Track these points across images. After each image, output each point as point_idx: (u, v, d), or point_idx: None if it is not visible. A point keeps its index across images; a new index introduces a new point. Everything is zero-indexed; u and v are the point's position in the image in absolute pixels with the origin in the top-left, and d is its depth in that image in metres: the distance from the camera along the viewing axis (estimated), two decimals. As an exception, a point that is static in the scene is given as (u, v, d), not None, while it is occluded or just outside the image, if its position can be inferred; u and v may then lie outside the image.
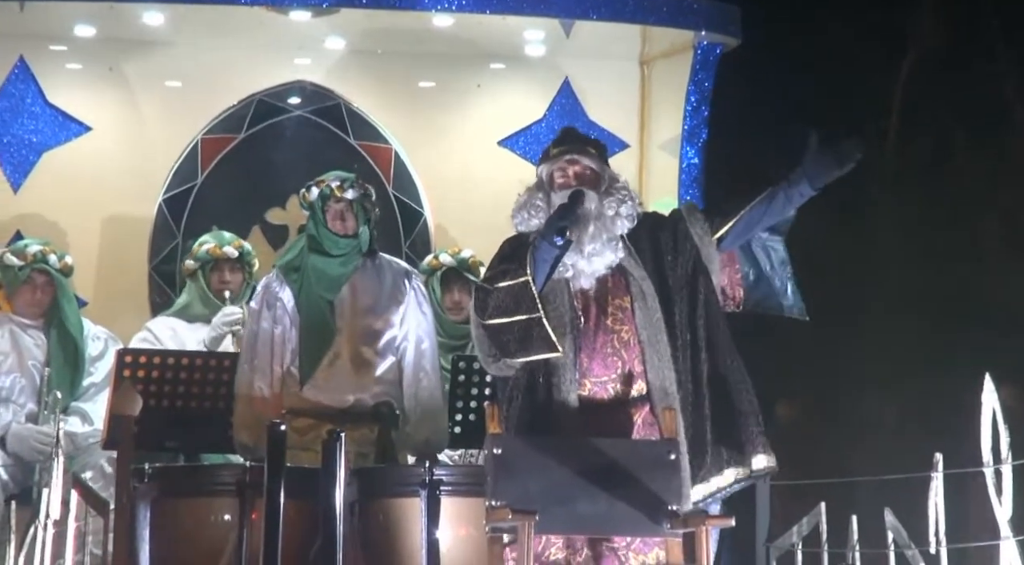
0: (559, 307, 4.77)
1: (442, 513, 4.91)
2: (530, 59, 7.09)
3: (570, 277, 4.80)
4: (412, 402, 5.52)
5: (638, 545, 4.63)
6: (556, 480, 4.44)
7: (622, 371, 4.74)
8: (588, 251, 4.78)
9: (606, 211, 4.81)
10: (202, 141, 6.97)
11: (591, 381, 4.74)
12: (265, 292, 5.57)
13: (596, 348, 4.75)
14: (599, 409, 4.72)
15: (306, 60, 7.07)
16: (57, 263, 6.26)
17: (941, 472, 4.55)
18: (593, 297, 4.80)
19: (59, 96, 6.88)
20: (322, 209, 5.52)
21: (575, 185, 4.85)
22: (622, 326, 4.79)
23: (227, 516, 4.96)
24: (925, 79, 7.79)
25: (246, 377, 5.47)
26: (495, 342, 4.76)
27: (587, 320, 4.78)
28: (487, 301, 4.79)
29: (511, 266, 4.80)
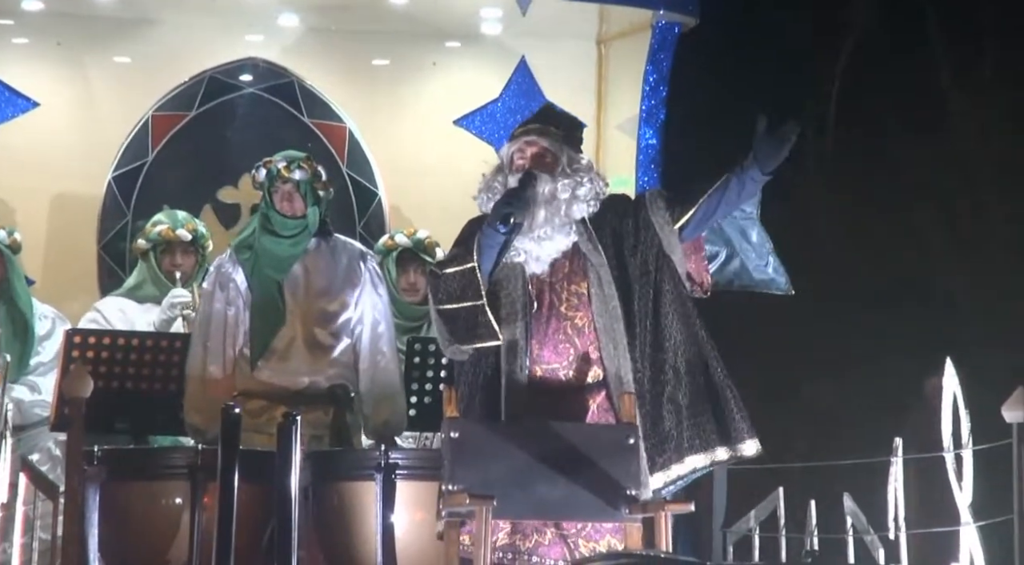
0: (512, 292, 4.73)
1: (397, 497, 4.88)
2: (486, 38, 7.05)
3: (523, 261, 4.76)
4: (369, 384, 5.48)
5: (589, 532, 4.60)
6: (514, 464, 4.42)
7: (575, 357, 4.69)
8: (538, 235, 4.74)
9: (560, 194, 4.76)
10: (153, 118, 6.89)
11: (541, 367, 4.70)
12: (218, 273, 5.51)
13: (548, 334, 4.71)
14: (551, 395, 4.68)
15: (258, 37, 7.00)
16: (6, 239, 6.17)
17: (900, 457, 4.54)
18: (548, 282, 4.76)
19: (5, 71, 6.79)
20: (270, 190, 5.46)
21: (530, 167, 4.79)
22: (576, 313, 4.74)
23: (178, 499, 4.91)
24: (861, 66, 7.80)
25: (198, 359, 5.41)
26: (447, 327, 4.73)
27: (540, 306, 4.74)
28: (438, 286, 4.77)
29: (461, 251, 4.76)
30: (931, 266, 7.66)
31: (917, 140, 7.94)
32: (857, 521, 4.81)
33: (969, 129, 8.07)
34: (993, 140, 8.06)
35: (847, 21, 7.71)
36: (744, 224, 4.90)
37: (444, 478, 4.43)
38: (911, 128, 7.93)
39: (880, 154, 7.98)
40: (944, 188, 7.92)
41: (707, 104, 7.06)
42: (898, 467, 4.54)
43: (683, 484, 4.76)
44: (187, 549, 4.86)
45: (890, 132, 8.01)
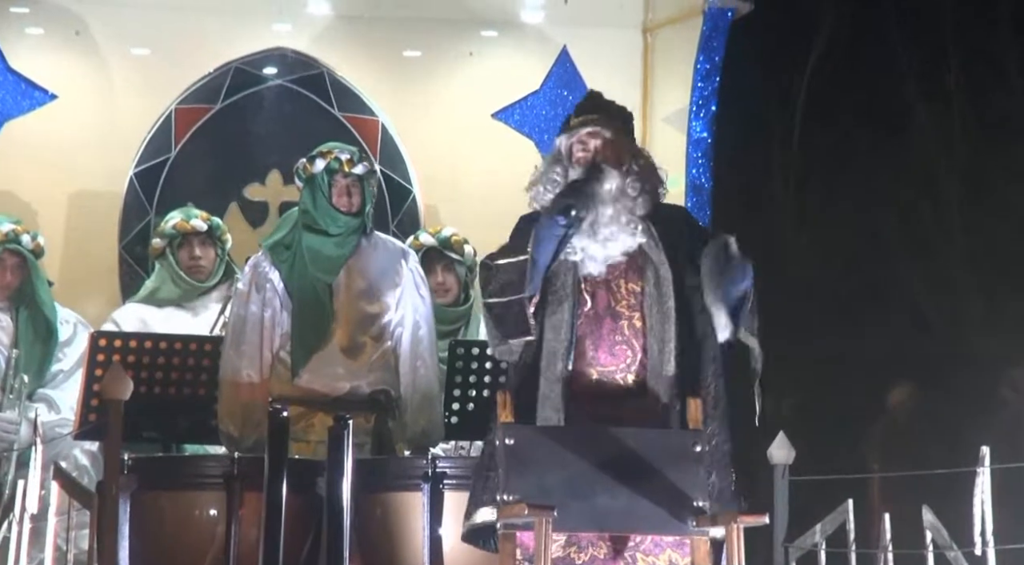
0: (560, 290, 4.65)
1: (445, 508, 4.80)
2: (526, 26, 6.98)
3: (578, 261, 4.67)
4: (409, 391, 5.41)
5: (648, 546, 4.52)
6: (572, 473, 4.34)
7: (633, 359, 4.61)
8: (603, 236, 4.65)
9: (628, 191, 4.68)
10: (176, 111, 6.82)
11: (597, 370, 4.61)
12: (253, 272, 5.43)
13: (602, 335, 4.63)
14: (606, 400, 4.59)
15: (286, 26, 6.93)
16: (30, 243, 6.13)
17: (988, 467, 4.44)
18: (603, 281, 4.67)
19: (22, 62, 6.73)
20: (328, 183, 5.37)
21: (594, 160, 4.71)
22: (634, 313, 4.66)
23: (213, 511, 4.85)
24: (827, 75, 7.75)
25: (232, 363, 5.33)
26: (495, 322, 4.66)
27: (594, 304, 4.65)
28: (489, 278, 4.70)
29: (516, 243, 4.69)
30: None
31: (881, 151, 7.97)
32: (938, 536, 4.71)
33: (932, 138, 8.09)
34: (956, 149, 8.08)
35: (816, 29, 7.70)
36: None
37: (499, 487, 4.34)
38: (876, 140, 7.94)
39: (846, 165, 7.98)
40: (907, 199, 7.94)
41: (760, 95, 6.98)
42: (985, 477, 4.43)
43: None
44: (222, 563, 4.79)
45: (858, 143, 8.04)
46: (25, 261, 6.08)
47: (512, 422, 4.44)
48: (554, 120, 7.00)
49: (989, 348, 6.96)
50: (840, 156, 8.08)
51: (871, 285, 7.15)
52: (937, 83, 8.08)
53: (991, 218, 7.74)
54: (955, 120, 8.13)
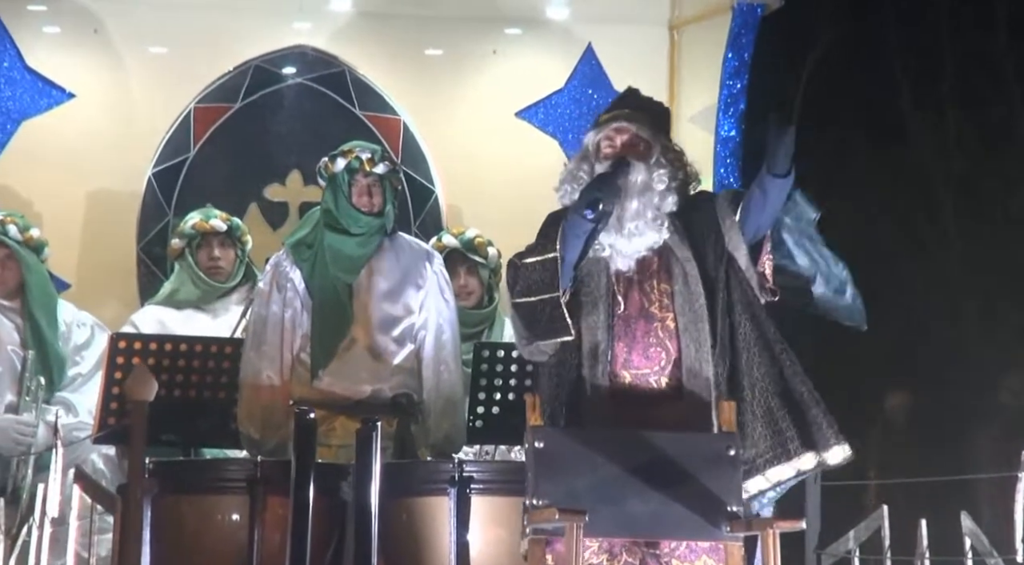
0: (594, 290, 4.60)
1: (472, 513, 4.76)
2: (550, 23, 6.95)
3: (607, 256, 4.63)
4: (432, 395, 5.36)
5: (683, 552, 4.46)
6: (603, 477, 4.28)
7: (667, 362, 4.56)
8: (628, 229, 4.60)
9: (655, 184, 4.63)
10: (195, 110, 6.80)
11: (631, 373, 4.56)
12: (275, 271, 5.39)
13: (637, 337, 4.58)
14: (641, 403, 4.54)
15: (306, 24, 6.91)
16: (19, 235, 5.99)
17: (1030, 472, 4.38)
18: (636, 281, 4.62)
19: (39, 60, 6.71)
20: (348, 183, 5.33)
21: (621, 153, 4.66)
22: (667, 313, 4.61)
23: (235, 515, 4.80)
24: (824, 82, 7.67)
25: (253, 364, 5.29)
26: (524, 322, 4.61)
27: (627, 306, 4.60)
28: (516, 277, 4.64)
29: (543, 241, 4.64)
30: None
31: (877, 161, 7.94)
32: (978, 542, 4.65)
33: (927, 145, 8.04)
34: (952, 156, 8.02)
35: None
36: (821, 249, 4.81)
37: (528, 492, 4.29)
38: (873, 148, 7.90)
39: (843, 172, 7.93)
40: (902, 207, 7.90)
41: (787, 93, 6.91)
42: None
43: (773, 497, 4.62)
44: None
45: (856, 150, 8.00)
46: (14, 256, 5.99)
47: (541, 425, 4.39)
48: (579, 119, 6.98)
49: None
50: (838, 161, 8.04)
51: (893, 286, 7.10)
52: (931, 91, 8.02)
53: (987, 225, 7.67)
54: (950, 128, 8.08)
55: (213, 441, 5.59)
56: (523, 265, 4.62)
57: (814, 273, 4.75)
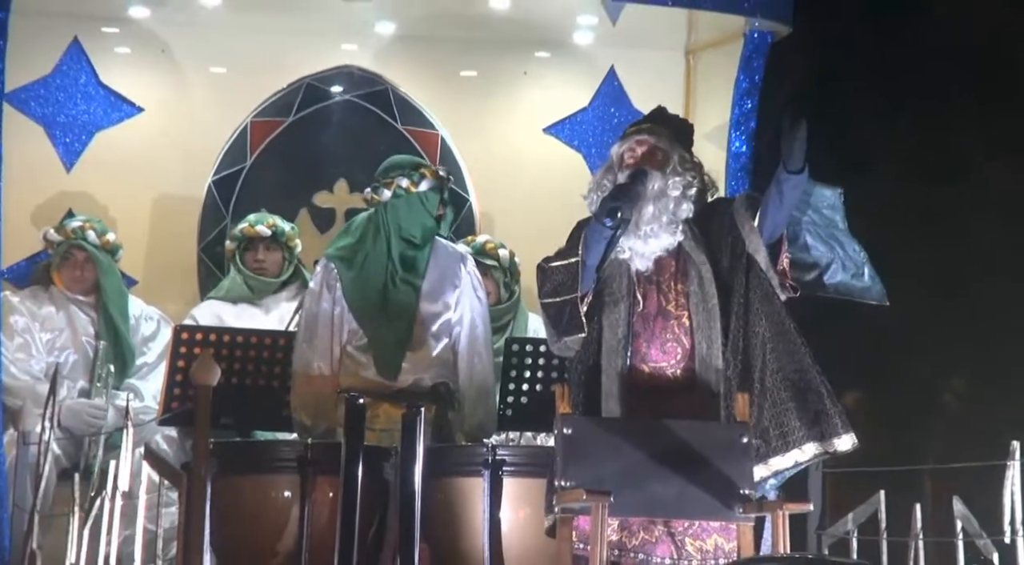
0: (616, 290, 4.58)
1: (503, 494, 4.72)
2: (575, 48, 6.92)
3: (627, 258, 4.60)
4: (467, 385, 5.34)
5: (696, 530, 4.42)
6: (627, 462, 4.25)
7: (683, 356, 4.53)
8: (644, 232, 4.58)
9: (670, 191, 4.60)
10: (251, 124, 6.77)
11: (649, 366, 4.53)
12: (325, 272, 5.37)
13: (655, 333, 4.55)
14: (659, 393, 4.51)
15: (354, 46, 6.88)
16: (96, 240, 6.06)
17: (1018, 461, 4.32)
18: (655, 281, 4.60)
19: (112, 77, 6.69)
20: (436, 202, 5.37)
21: (639, 163, 4.63)
22: (683, 312, 4.58)
23: (287, 493, 4.77)
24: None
25: (305, 357, 5.27)
26: (550, 321, 4.59)
27: (646, 305, 4.57)
28: (544, 280, 4.64)
29: (569, 247, 4.64)
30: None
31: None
32: (968, 525, 4.59)
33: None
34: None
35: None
36: (836, 234, 4.75)
37: (557, 474, 4.25)
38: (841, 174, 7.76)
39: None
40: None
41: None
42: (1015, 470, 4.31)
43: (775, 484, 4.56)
44: (296, 543, 4.72)
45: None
46: (91, 259, 6.00)
47: (570, 413, 4.35)
48: (601, 135, 6.94)
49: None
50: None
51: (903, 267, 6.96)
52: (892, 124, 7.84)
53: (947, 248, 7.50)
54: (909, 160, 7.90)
55: (266, 425, 5.58)
56: (549, 268, 4.62)
57: (830, 261, 4.69)
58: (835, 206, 4.72)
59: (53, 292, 6.11)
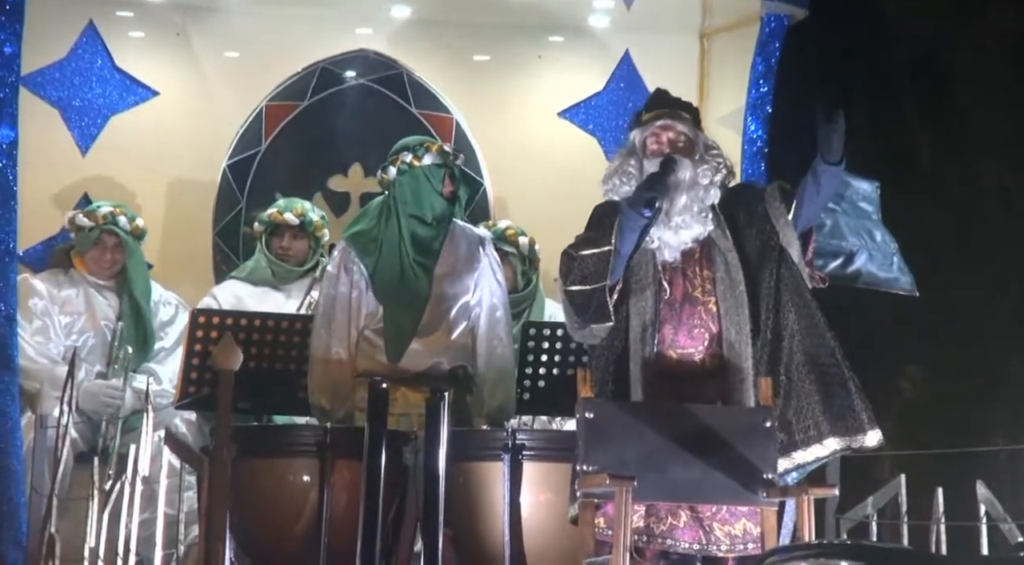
0: (642, 278, 4.50)
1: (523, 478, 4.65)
2: (589, 32, 6.85)
3: (655, 248, 4.52)
4: (486, 369, 5.27)
5: (724, 515, 4.36)
6: (649, 446, 4.19)
7: (710, 341, 4.46)
8: (676, 223, 4.50)
9: (700, 180, 4.53)
10: (266, 108, 6.70)
11: (676, 352, 4.46)
12: (342, 257, 5.30)
13: (682, 319, 4.49)
14: (686, 379, 4.45)
15: (368, 30, 6.81)
16: (127, 225, 6.04)
17: (1043, 444, 4.25)
18: (680, 268, 4.53)
19: (127, 61, 6.62)
20: (437, 174, 5.23)
21: (668, 152, 4.54)
22: (710, 298, 4.52)
23: (306, 477, 4.72)
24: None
25: (323, 341, 5.20)
26: (575, 308, 4.52)
27: (672, 292, 4.50)
28: (571, 267, 4.55)
29: (597, 234, 4.53)
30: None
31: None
32: (992, 509, 4.52)
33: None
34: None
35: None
36: (868, 225, 4.69)
37: (579, 459, 4.19)
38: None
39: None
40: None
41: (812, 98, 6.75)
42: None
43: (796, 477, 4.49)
44: (315, 527, 4.66)
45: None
46: (121, 243, 5.96)
47: (591, 397, 4.28)
48: (616, 119, 6.88)
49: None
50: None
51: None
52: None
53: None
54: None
55: (283, 410, 5.52)
56: (579, 257, 4.53)
57: (857, 249, 4.62)
58: (870, 198, 4.66)
59: (73, 275, 6.06)
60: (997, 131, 7.23)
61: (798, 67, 6.59)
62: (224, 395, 3.93)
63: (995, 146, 7.24)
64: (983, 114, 7.31)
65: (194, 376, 5.36)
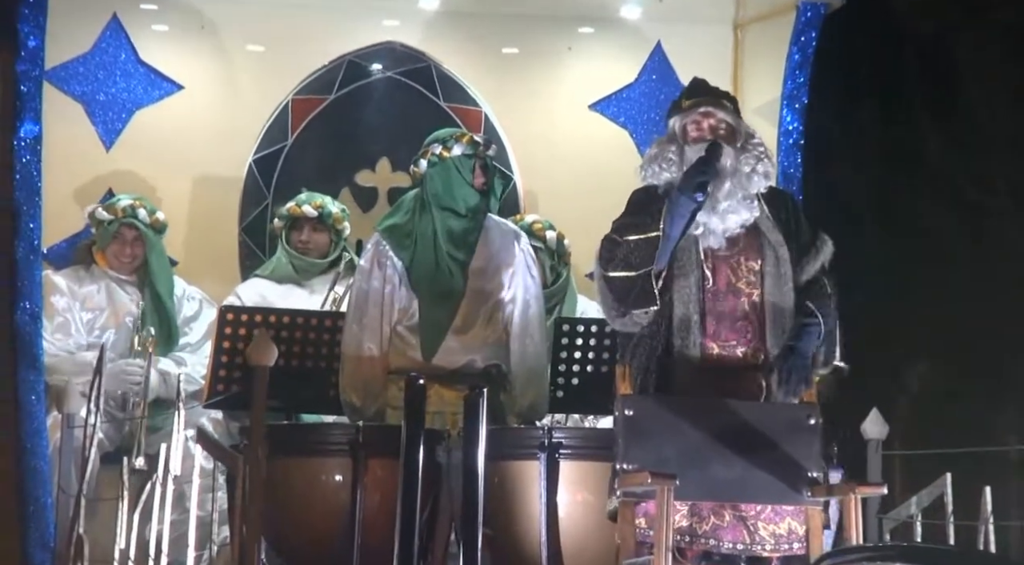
0: (686, 265, 4.44)
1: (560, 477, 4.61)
2: (620, 23, 6.80)
3: (700, 234, 4.47)
4: (519, 367, 5.22)
5: (769, 514, 4.30)
6: (689, 444, 4.14)
7: (753, 335, 4.41)
8: (722, 208, 4.46)
9: (742, 167, 4.49)
10: (292, 102, 6.68)
11: (719, 344, 4.41)
12: (375, 250, 5.26)
13: (725, 311, 4.43)
14: (728, 373, 4.39)
15: (396, 22, 6.77)
16: (147, 218, 6.02)
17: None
18: (724, 257, 4.47)
19: (151, 55, 6.60)
20: (468, 165, 5.19)
21: (710, 139, 4.50)
22: (754, 290, 4.46)
23: (339, 476, 4.68)
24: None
25: (355, 337, 5.16)
26: (615, 295, 4.45)
27: (715, 281, 4.45)
28: (614, 253, 4.48)
29: (642, 219, 4.46)
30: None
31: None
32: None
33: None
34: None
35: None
36: None
37: (618, 457, 4.14)
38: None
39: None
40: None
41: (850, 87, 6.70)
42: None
43: None
44: (348, 526, 4.63)
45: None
46: (141, 236, 5.93)
47: (630, 394, 4.23)
48: (648, 111, 6.83)
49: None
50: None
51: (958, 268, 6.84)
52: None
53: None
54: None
55: (313, 407, 5.48)
56: (623, 242, 4.46)
57: None
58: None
59: (94, 271, 6.06)
60: (1006, 129, 7.16)
61: (836, 56, 6.55)
62: (259, 392, 3.88)
63: (1005, 144, 7.17)
64: (992, 111, 7.25)
65: (223, 374, 5.33)
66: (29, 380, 5.59)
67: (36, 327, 5.67)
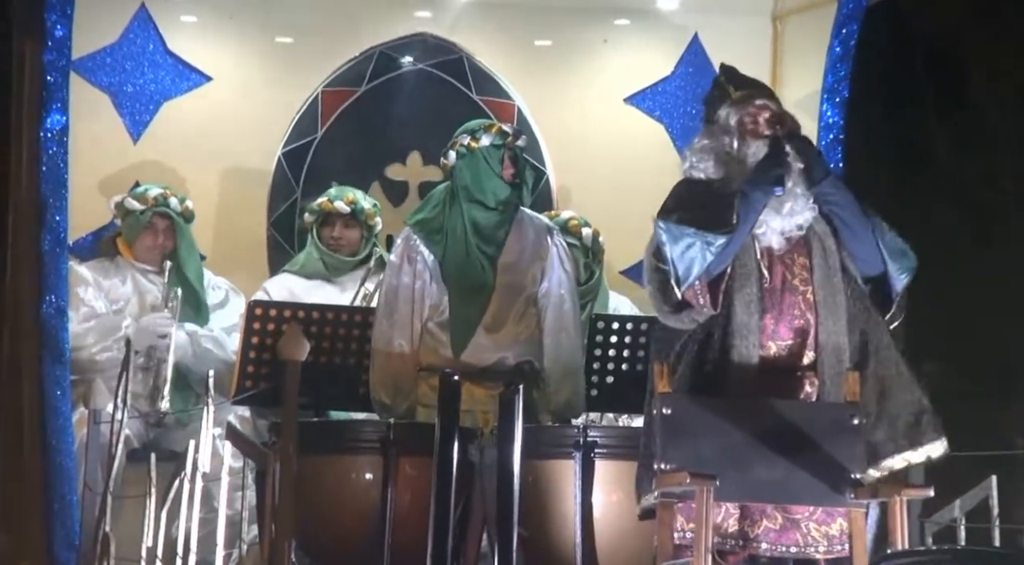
0: (747, 263, 4.38)
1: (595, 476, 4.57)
2: (657, 14, 6.75)
3: (761, 233, 4.41)
4: (553, 363, 5.18)
5: (820, 515, 4.25)
6: (730, 444, 4.09)
7: (806, 334, 4.36)
8: (787, 208, 4.39)
9: (795, 164, 4.42)
10: (322, 94, 6.65)
11: (776, 344, 4.36)
12: (405, 245, 5.23)
13: (783, 310, 4.38)
14: (779, 372, 4.34)
15: (427, 13, 6.74)
16: (178, 207, 6.03)
17: None
18: (779, 256, 4.42)
19: (179, 46, 6.59)
20: (497, 156, 5.15)
21: (768, 133, 4.44)
22: (807, 286, 4.41)
23: (369, 474, 4.66)
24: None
25: (385, 333, 5.14)
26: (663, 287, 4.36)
27: (772, 279, 4.39)
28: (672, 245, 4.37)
29: (700, 214, 4.36)
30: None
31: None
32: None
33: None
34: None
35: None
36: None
37: (656, 456, 4.10)
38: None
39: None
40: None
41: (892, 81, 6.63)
42: None
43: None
44: (378, 524, 4.60)
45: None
46: (175, 224, 5.93)
47: (669, 392, 4.19)
48: (685, 105, 6.78)
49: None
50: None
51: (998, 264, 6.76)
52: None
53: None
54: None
55: (342, 405, 5.45)
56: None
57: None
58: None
59: (119, 262, 6.06)
60: (1015, 128, 7.08)
61: (878, 49, 6.48)
62: (291, 387, 3.86)
63: (1014, 143, 7.09)
64: (1001, 110, 7.16)
65: (251, 370, 5.31)
66: (55, 374, 5.57)
67: (62, 321, 5.65)
